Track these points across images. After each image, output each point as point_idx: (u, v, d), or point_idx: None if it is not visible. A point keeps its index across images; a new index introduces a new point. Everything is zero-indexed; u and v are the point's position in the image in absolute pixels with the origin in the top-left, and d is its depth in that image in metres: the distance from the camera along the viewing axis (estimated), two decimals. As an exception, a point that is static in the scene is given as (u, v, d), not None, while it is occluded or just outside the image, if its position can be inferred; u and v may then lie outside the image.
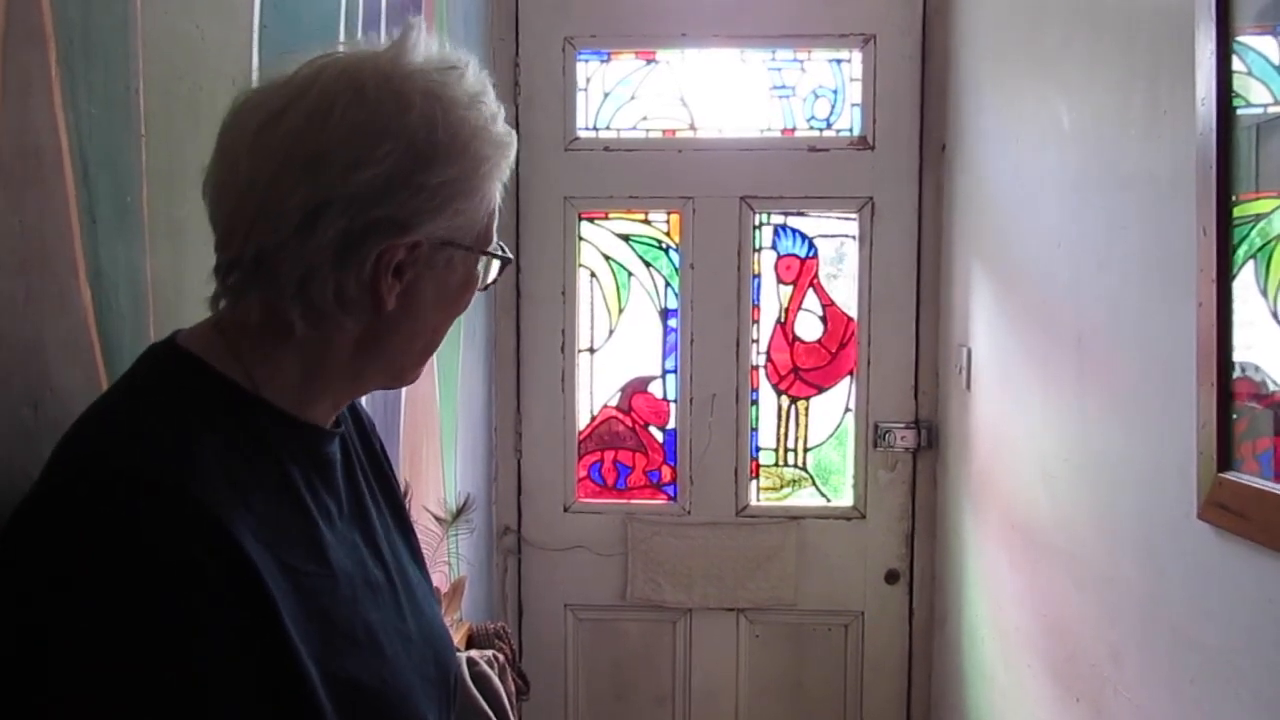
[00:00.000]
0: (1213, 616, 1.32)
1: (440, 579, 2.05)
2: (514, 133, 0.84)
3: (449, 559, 2.19)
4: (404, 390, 1.92)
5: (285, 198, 0.74)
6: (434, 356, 0.90)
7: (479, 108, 0.80)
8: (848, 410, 2.83)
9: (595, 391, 2.87)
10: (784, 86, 2.79)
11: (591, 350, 2.86)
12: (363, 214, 0.75)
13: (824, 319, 2.83)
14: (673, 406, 2.85)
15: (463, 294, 0.85)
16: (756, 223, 2.80)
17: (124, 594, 0.64)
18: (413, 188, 0.76)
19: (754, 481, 2.85)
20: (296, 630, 0.71)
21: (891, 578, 2.82)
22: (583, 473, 2.88)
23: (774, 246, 2.82)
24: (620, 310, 2.86)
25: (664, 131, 2.81)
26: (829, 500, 2.87)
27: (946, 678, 2.67)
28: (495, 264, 0.86)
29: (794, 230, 2.82)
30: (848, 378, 2.83)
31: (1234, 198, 1.26)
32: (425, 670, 0.86)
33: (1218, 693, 1.30)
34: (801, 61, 2.79)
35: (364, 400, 1.05)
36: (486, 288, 0.88)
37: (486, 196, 0.82)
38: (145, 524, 0.65)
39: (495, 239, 0.85)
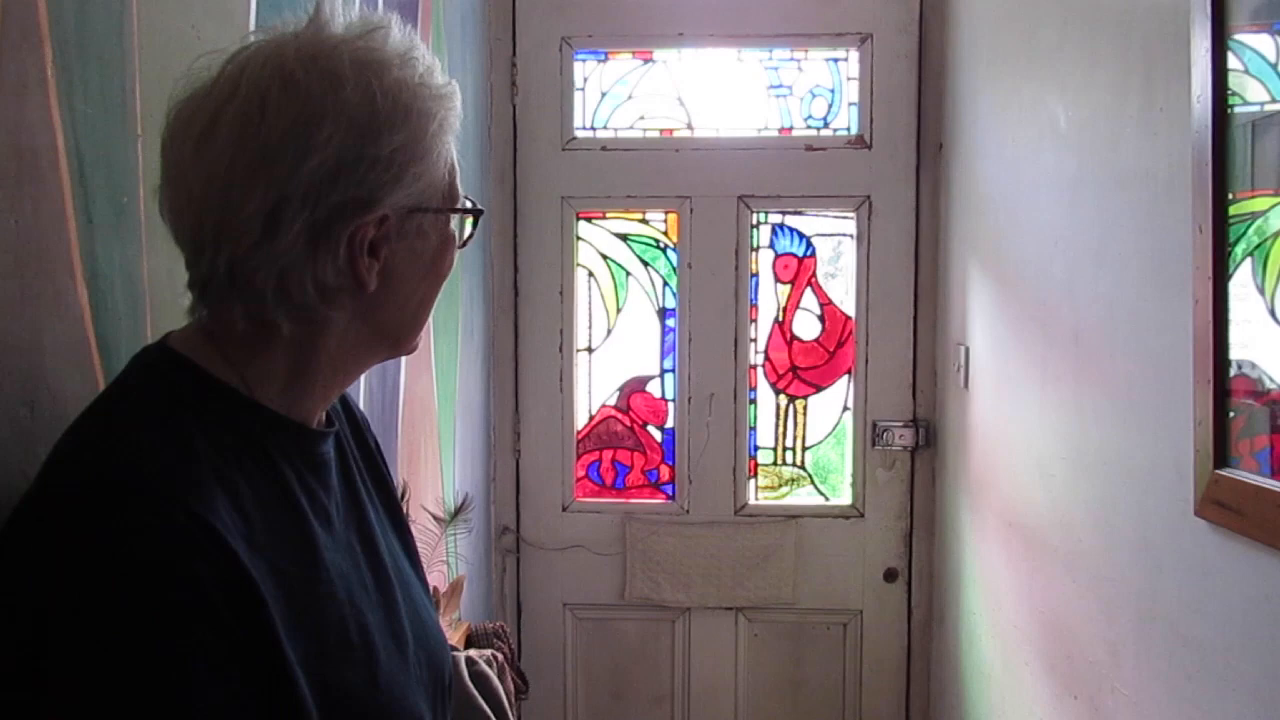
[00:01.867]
0: (1210, 613, 1.32)
1: (439, 578, 2.05)
2: (454, 82, 0.82)
3: (447, 558, 2.19)
4: (402, 389, 1.92)
5: (241, 206, 0.72)
6: (431, 355, 0.89)
7: (412, 65, 0.78)
8: (846, 409, 2.83)
9: (593, 391, 2.87)
10: (781, 86, 2.80)
11: (589, 350, 2.86)
12: (323, 202, 0.73)
13: (822, 318, 2.83)
14: (671, 406, 2.85)
15: (443, 256, 0.84)
16: (754, 222, 2.80)
17: (117, 602, 0.64)
18: (366, 163, 0.74)
19: (752, 480, 2.85)
20: (288, 635, 0.71)
21: (890, 576, 2.82)
22: (581, 472, 2.88)
23: (772, 245, 2.82)
24: (618, 310, 2.86)
25: (661, 131, 2.81)
26: (827, 499, 2.87)
27: (945, 676, 2.68)
28: (469, 219, 0.86)
29: (791, 229, 2.82)
30: (846, 376, 2.83)
31: (1230, 195, 1.26)
32: (419, 672, 0.86)
33: (1215, 690, 1.30)
34: (798, 61, 2.79)
35: (360, 398, 1.05)
36: (465, 244, 0.87)
37: (442, 154, 0.80)
38: (140, 532, 0.65)
39: (461, 194, 0.85)
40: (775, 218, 2.81)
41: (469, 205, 0.85)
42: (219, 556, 0.67)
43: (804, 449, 2.86)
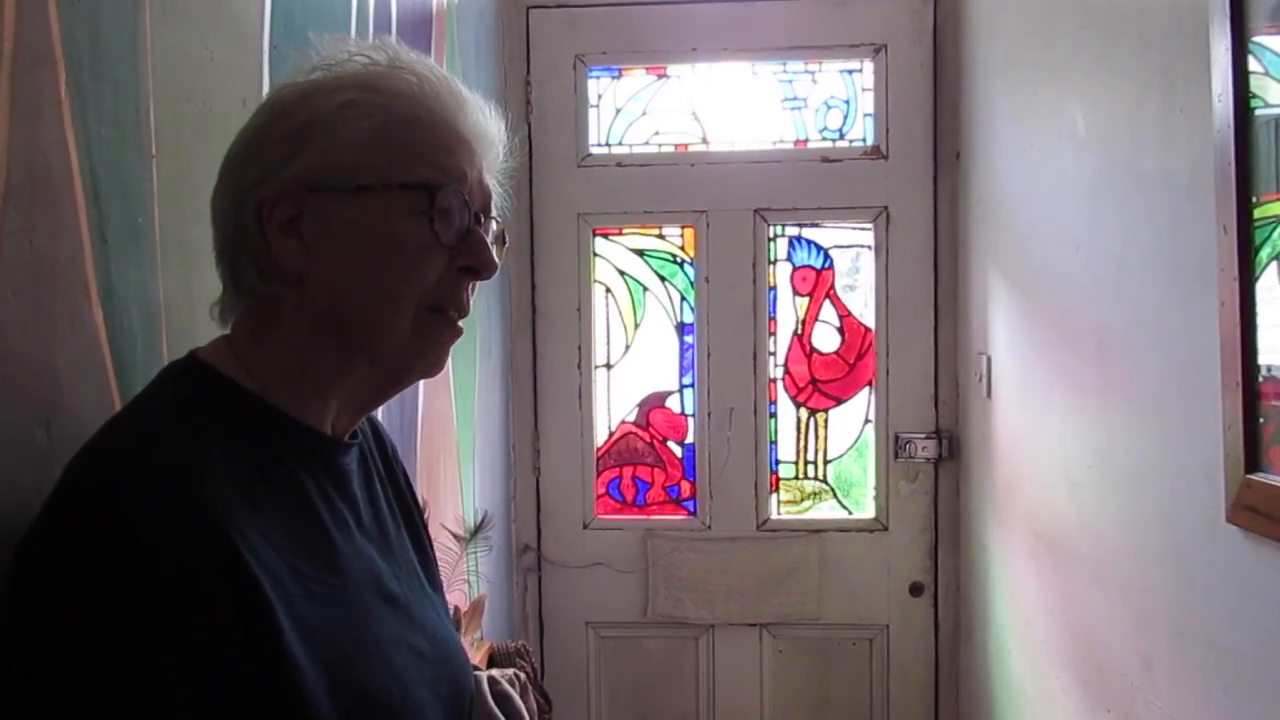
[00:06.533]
0: (1246, 623, 1.29)
1: (460, 597, 2.04)
2: (393, 64, 0.81)
3: (468, 577, 2.19)
4: (420, 408, 1.92)
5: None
6: (449, 373, 0.87)
7: (322, 70, 0.81)
8: (867, 421, 2.81)
9: (613, 407, 2.86)
10: (796, 98, 2.79)
11: (608, 366, 2.86)
12: (236, 180, 0.80)
13: (841, 330, 2.81)
14: (691, 421, 2.84)
15: (386, 250, 0.78)
16: (771, 235, 2.79)
17: (116, 592, 0.64)
18: (271, 142, 0.79)
19: (774, 495, 2.83)
20: (300, 636, 0.70)
21: (916, 590, 2.79)
22: (601, 489, 2.87)
23: (789, 258, 2.81)
24: (636, 325, 2.85)
25: (676, 146, 2.81)
26: (850, 513, 2.84)
27: (974, 691, 2.64)
28: (455, 210, 0.79)
29: (809, 241, 2.80)
30: (866, 389, 2.81)
31: (1254, 198, 1.24)
32: (438, 688, 0.85)
33: (1252, 702, 1.27)
34: (813, 73, 2.79)
35: (382, 418, 1.05)
36: (464, 237, 0.80)
37: (353, 129, 0.77)
38: (141, 523, 0.65)
39: (421, 181, 0.78)
40: (792, 230, 2.80)
41: (414, 181, 0.78)
42: (220, 552, 0.67)
43: (826, 462, 2.84)
